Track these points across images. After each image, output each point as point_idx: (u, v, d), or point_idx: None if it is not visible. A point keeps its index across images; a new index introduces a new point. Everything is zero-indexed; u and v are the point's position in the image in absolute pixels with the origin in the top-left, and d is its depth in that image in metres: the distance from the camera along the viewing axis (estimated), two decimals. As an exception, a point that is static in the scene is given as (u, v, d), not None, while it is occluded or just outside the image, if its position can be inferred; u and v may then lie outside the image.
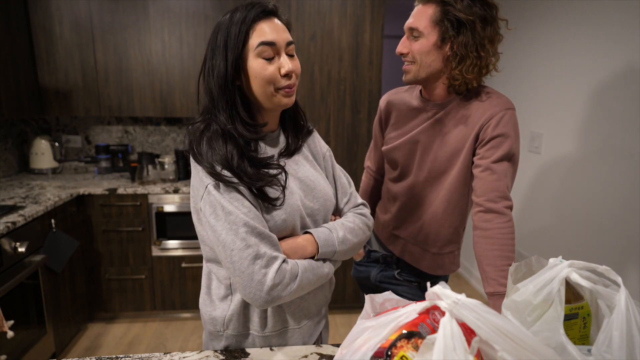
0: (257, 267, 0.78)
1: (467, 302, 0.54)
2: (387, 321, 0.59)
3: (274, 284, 0.78)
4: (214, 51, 0.84)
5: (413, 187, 1.27)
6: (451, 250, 1.32)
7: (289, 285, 0.81)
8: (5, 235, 1.77)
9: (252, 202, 0.82)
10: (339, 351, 0.63)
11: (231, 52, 0.83)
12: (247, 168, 0.83)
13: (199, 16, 2.55)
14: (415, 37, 1.13)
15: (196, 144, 0.85)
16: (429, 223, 1.28)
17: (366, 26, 2.43)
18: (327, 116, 2.52)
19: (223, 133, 0.85)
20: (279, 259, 0.81)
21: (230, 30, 0.83)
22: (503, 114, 1.10)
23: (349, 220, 0.98)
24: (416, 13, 1.13)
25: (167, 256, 2.57)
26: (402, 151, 1.27)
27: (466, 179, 1.18)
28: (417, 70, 1.15)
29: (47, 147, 2.75)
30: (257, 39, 0.82)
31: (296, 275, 0.82)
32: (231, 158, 0.82)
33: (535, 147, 2.34)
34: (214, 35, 0.85)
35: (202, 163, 0.83)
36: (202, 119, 0.89)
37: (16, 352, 1.83)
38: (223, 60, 0.83)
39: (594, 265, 0.68)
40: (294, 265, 0.83)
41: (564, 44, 2.12)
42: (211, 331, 0.97)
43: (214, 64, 0.84)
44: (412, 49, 1.14)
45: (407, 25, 1.14)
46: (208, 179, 0.82)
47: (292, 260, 0.84)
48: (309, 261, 0.88)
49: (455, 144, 1.16)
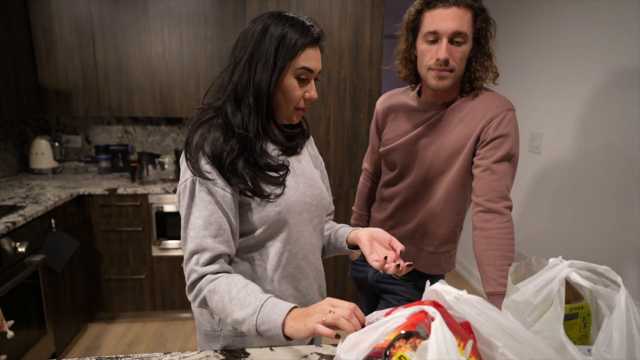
0: (186, 270, 0.87)
1: (468, 299, 0.54)
2: (377, 325, 0.60)
3: (190, 295, 0.87)
4: (259, 59, 0.84)
5: (410, 187, 1.27)
6: (447, 250, 1.32)
7: (199, 300, 0.86)
8: (5, 235, 1.77)
9: (224, 202, 0.85)
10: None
11: (278, 70, 0.85)
12: (241, 166, 0.85)
13: (199, 16, 2.55)
14: (459, 42, 1.07)
15: (191, 134, 0.87)
16: (425, 222, 1.28)
17: (366, 26, 2.43)
18: (327, 116, 2.51)
19: (228, 129, 0.86)
20: (196, 273, 0.85)
21: (281, 46, 0.84)
22: (504, 114, 1.10)
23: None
24: (456, 17, 1.05)
25: (167, 256, 2.57)
26: (400, 152, 1.27)
27: (465, 179, 1.18)
28: (453, 77, 1.11)
29: (47, 147, 2.75)
30: (302, 62, 0.86)
31: (204, 298, 0.84)
32: (229, 153, 0.84)
33: (535, 147, 2.34)
34: (259, 39, 0.85)
35: (189, 154, 0.85)
36: (210, 112, 0.89)
37: (16, 352, 1.83)
38: (267, 74, 0.84)
39: (594, 265, 0.68)
40: (213, 286, 0.83)
41: (564, 44, 2.12)
42: (207, 331, 0.97)
43: (256, 72, 0.85)
44: (455, 56, 1.08)
45: (451, 30, 1.05)
46: (188, 173, 0.85)
47: (220, 281, 0.83)
48: (233, 295, 0.80)
49: (455, 144, 1.16)
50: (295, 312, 0.76)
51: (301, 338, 0.72)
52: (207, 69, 2.63)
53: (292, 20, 0.85)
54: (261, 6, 2.36)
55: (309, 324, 0.71)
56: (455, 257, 1.37)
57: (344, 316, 0.69)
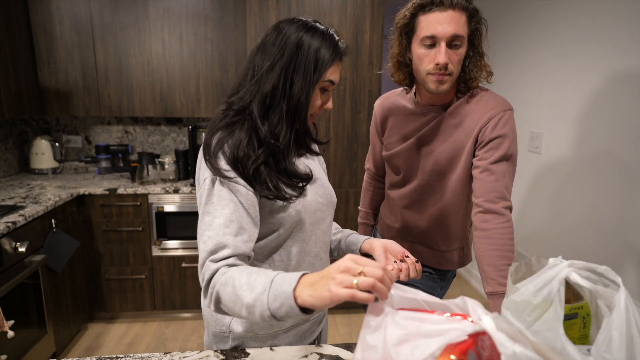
0: (200, 273, 0.77)
1: (524, 357, 0.47)
2: (433, 331, 0.53)
3: (205, 298, 0.77)
4: (297, 69, 0.84)
5: (416, 191, 1.28)
6: (460, 247, 1.34)
7: (214, 299, 0.75)
8: (5, 235, 1.77)
9: (246, 201, 0.82)
10: (363, 330, 0.58)
11: (314, 83, 0.86)
12: (266, 173, 0.84)
13: (199, 16, 2.55)
14: (457, 45, 1.07)
15: (211, 136, 0.86)
16: (434, 225, 1.29)
17: (366, 26, 2.43)
18: (327, 116, 2.52)
19: (254, 134, 0.86)
20: (210, 270, 0.75)
21: (317, 60, 0.84)
22: (502, 115, 1.10)
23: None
24: (453, 20, 1.04)
25: (167, 256, 2.57)
26: (403, 157, 1.27)
27: (469, 180, 1.18)
28: (452, 80, 1.11)
29: (48, 147, 2.76)
30: (330, 75, 0.87)
31: (218, 295, 0.74)
32: (254, 160, 0.83)
33: (535, 147, 2.34)
34: (295, 49, 0.84)
35: (208, 155, 0.84)
36: (231, 114, 0.88)
37: (16, 352, 1.83)
38: (307, 85, 0.85)
39: (593, 265, 0.68)
40: (225, 278, 0.73)
41: (564, 44, 2.12)
42: (216, 332, 0.96)
43: (294, 82, 0.85)
44: (453, 59, 1.07)
45: (449, 33, 1.04)
46: (207, 172, 0.83)
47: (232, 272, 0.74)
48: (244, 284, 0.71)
49: (455, 147, 1.16)
50: (310, 278, 0.65)
51: (324, 307, 0.61)
52: (207, 69, 2.63)
53: (324, 34, 0.86)
54: (261, 6, 2.36)
55: (337, 290, 0.59)
56: (469, 251, 1.38)
57: (378, 278, 0.58)
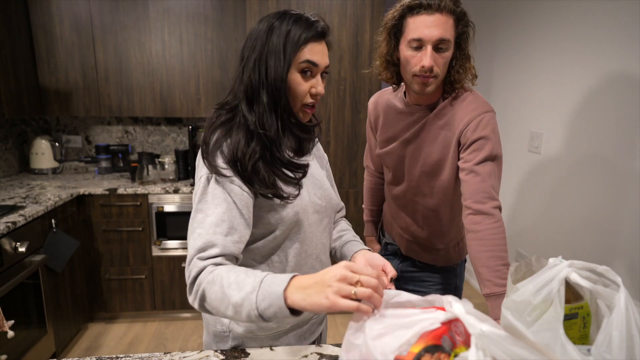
0: (187, 270, 0.78)
1: (492, 334, 0.50)
2: (408, 323, 0.56)
3: (190, 295, 0.77)
4: (269, 56, 0.84)
5: (407, 191, 1.30)
6: (456, 243, 1.35)
7: (199, 297, 0.75)
8: (5, 235, 1.77)
9: (240, 201, 0.82)
10: (347, 332, 0.61)
11: (287, 65, 0.84)
12: (263, 169, 0.84)
13: (199, 16, 2.55)
14: (443, 49, 1.07)
15: (208, 135, 0.86)
16: (428, 225, 1.31)
17: (366, 26, 2.43)
18: (327, 116, 2.52)
19: (248, 130, 0.86)
20: (197, 267, 0.76)
21: (287, 42, 0.83)
22: (481, 117, 1.11)
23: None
24: (440, 24, 1.04)
25: (167, 256, 2.57)
26: (392, 157, 1.29)
27: (459, 181, 1.19)
28: (437, 82, 1.11)
29: (48, 147, 2.75)
30: (306, 55, 0.84)
31: (204, 293, 0.74)
32: (251, 156, 0.83)
33: (535, 147, 2.34)
34: (265, 38, 0.84)
35: (206, 153, 0.84)
36: (224, 113, 0.89)
37: (16, 352, 1.83)
38: (280, 68, 0.83)
39: (593, 265, 0.68)
40: (212, 276, 0.74)
41: (563, 44, 2.12)
42: (216, 332, 0.96)
43: (268, 69, 0.84)
44: (438, 62, 1.08)
45: (436, 37, 1.04)
46: (204, 170, 0.83)
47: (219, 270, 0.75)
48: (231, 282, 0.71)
49: (440, 151, 1.18)
50: (302, 280, 0.65)
51: (319, 312, 0.62)
52: (207, 69, 2.63)
53: (296, 16, 0.86)
54: (261, 6, 2.36)
55: (337, 300, 0.59)
56: (465, 246, 1.39)
57: (374, 287, 0.59)
